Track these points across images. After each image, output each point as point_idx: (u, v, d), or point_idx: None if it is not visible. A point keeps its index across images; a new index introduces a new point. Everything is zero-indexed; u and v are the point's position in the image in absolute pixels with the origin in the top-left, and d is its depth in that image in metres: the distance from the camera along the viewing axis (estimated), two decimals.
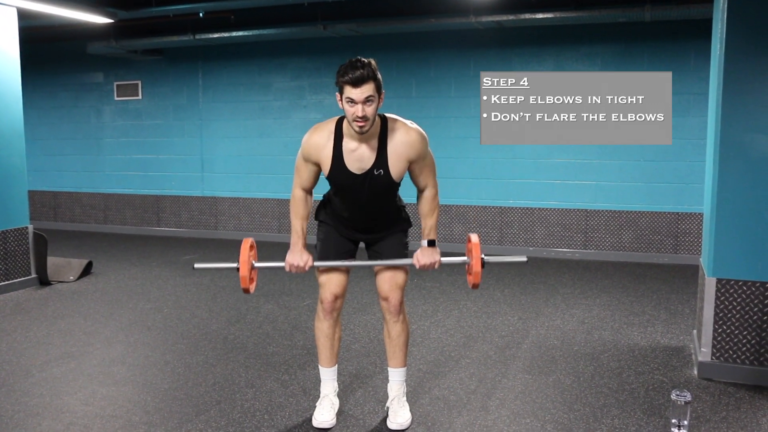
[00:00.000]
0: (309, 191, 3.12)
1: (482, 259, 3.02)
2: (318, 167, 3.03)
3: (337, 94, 2.86)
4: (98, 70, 9.26)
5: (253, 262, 3.09)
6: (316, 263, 3.12)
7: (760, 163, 3.60)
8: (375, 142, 2.93)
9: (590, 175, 7.30)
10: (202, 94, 8.80)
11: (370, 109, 2.79)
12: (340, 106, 2.86)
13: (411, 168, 3.02)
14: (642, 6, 6.21)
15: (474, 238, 3.08)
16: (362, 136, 2.87)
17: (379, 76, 2.83)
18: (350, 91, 2.77)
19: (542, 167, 7.45)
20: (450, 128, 7.65)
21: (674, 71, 6.97)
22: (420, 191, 3.11)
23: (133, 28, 8.03)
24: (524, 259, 3.20)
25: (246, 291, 3.08)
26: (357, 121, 2.80)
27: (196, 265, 3.22)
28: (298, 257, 3.06)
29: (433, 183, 3.08)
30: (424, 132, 3.00)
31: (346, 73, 2.78)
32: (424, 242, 3.09)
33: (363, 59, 2.80)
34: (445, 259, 3.12)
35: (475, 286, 3.09)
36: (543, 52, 7.34)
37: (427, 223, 3.10)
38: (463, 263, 3.14)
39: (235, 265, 3.06)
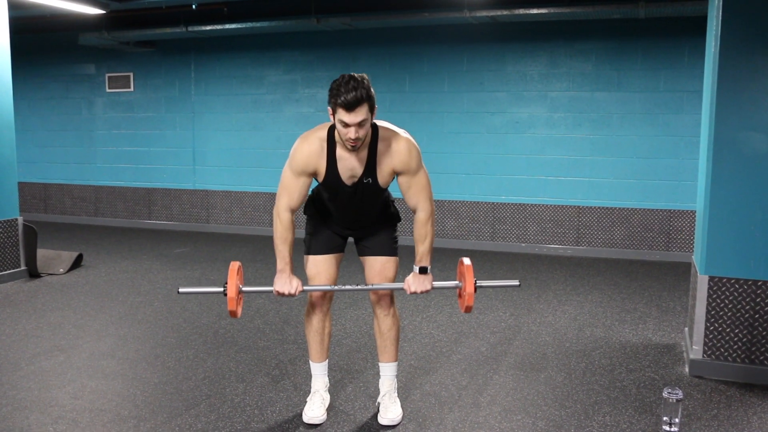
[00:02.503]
0: (295, 211, 3.01)
1: (475, 283, 2.97)
2: (311, 177, 2.97)
3: (329, 108, 2.78)
4: (90, 62, 9.20)
5: (240, 286, 3.00)
6: (306, 287, 3.05)
7: (754, 161, 3.60)
8: (365, 152, 2.89)
9: (583, 172, 7.30)
10: (194, 86, 8.76)
11: (362, 131, 2.74)
12: (332, 120, 2.80)
13: (399, 181, 2.96)
14: (636, 2, 6.21)
15: (466, 261, 3.02)
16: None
17: (373, 93, 2.74)
18: (343, 115, 2.69)
19: (535, 163, 7.45)
20: (443, 123, 7.64)
21: (668, 68, 7.07)
22: (413, 211, 3.01)
23: (125, 20, 7.99)
24: (517, 282, 3.14)
25: (233, 315, 2.99)
26: (349, 141, 2.76)
27: (181, 290, 3.10)
28: (287, 284, 2.98)
29: (425, 205, 2.97)
30: (415, 144, 2.93)
31: (339, 94, 2.67)
32: (416, 268, 3.01)
33: (356, 77, 2.69)
34: (437, 284, 3.05)
35: (468, 310, 3.00)
36: (536, 47, 7.33)
37: (420, 248, 3.01)
38: (455, 287, 3.07)
39: (221, 289, 2.98)
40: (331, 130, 2.89)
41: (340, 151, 2.90)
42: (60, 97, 9.45)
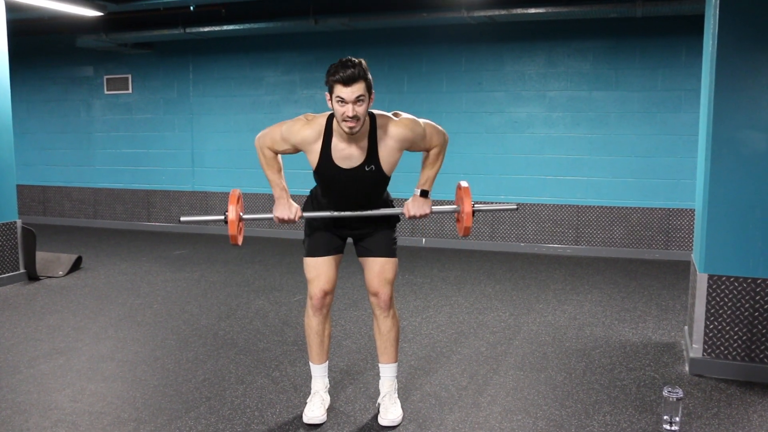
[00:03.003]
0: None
1: (473, 205, 3.03)
2: (296, 151, 3.02)
3: (326, 93, 2.82)
4: (88, 64, 9.19)
5: (241, 213, 3.05)
6: (306, 214, 3.09)
7: (752, 160, 3.60)
8: (365, 141, 2.91)
9: (581, 171, 7.30)
10: (192, 88, 8.75)
11: (360, 109, 2.76)
12: (330, 105, 2.82)
13: (412, 149, 3.02)
14: (633, 1, 6.21)
15: (464, 184, 3.10)
16: (352, 135, 2.85)
17: (370, 76, 2.79)
18: (341, 90, 2.73)
19: (533, 163, 7.45)
20: (441, 123, 7.49)
21: (665, 67, 7.07)
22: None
23: (123, 22, 7.98)
24: (514, 206, 3.23)
25: (234, 242, 3.05)
26: (347, 121, 2.76)
27: (183, 218, 3.17)
28: (286, 210, 3.02)
29: (438, 141, 3.05)
30: (410, 116, 2.99)
31: (336, 72, 2.73)
32: (417, 191, 3.06)
33: (353, 59, 2.76)
34: (435, 208, 3.11)
35: (466, 232, 3.07)
36: (535, 47, 7.33)
37: (426, 173, 3.08)
38: (454, 211, 3.14)
39: (221, 217, 3.04)
40: (330, 118, 2.91)
41: (336, 141, 2.91)
42: (58, 99, 9.44)
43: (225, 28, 7.60)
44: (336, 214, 3.07)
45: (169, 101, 8.89)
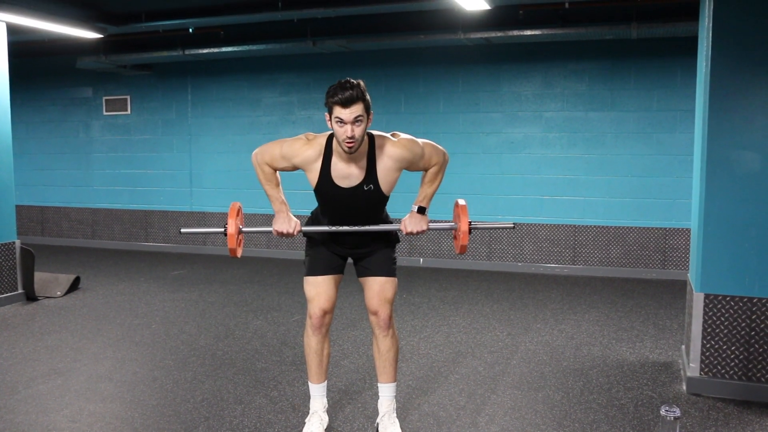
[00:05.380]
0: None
1: (470, 223, 3.05)
2: (294, 169, 3.06)
3: (326, 114, 2.87)
4: (87, 85, 9.25)
5: (240, 226, 3.08)
6: (305, 228, 3.11)
7: (747, 179, 3.63)
8: (364, 161, 2.95)
9: (578, 191, 7.34)
10: (191, 109, 8.80)
11: (359, 130, 2.81)
12: (329, 126, 2.87)
13: (411, 169, 3.06)
14: (629, 23, 6.27)
15: (461, 201, 3.13)
16: (351, 155, 2.89)
17: (368, 96, 2.84)
18: (339, 112, 2.78)
19: (531, 183, 7.48)
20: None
21: (661, 88, 7.13)
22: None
23: (123, 43, 8.04)
24: (511, 225, 3.24)
25: (233, 254, 3.08)
26: (346, 141, 2.81)
27: (183, 230, 3.23)
28: (285, 223, 3.05)
29: (437, 159, 3.08)
30: (408, 137, 3.03)
31: (335, 93, 2.78)
32: (414, 208, 3.08)
33: (352, 80, 2.81)
34: (432, 225, 3.12)
35: (462, 249, 3.10)
36: (531, 68, 7.39)
37: (424, 190, 3.10)
38: (451, 228, 3.17)
39: (221, 229, 3.08)
40: (330, 138, 2.95)
41: (336, 161, 2.95)
42: (57, 120, 9.49)
43: (223, 49, 7.66)
44: (334, 228, 3.09)
45: (167, 122, 8.94)
